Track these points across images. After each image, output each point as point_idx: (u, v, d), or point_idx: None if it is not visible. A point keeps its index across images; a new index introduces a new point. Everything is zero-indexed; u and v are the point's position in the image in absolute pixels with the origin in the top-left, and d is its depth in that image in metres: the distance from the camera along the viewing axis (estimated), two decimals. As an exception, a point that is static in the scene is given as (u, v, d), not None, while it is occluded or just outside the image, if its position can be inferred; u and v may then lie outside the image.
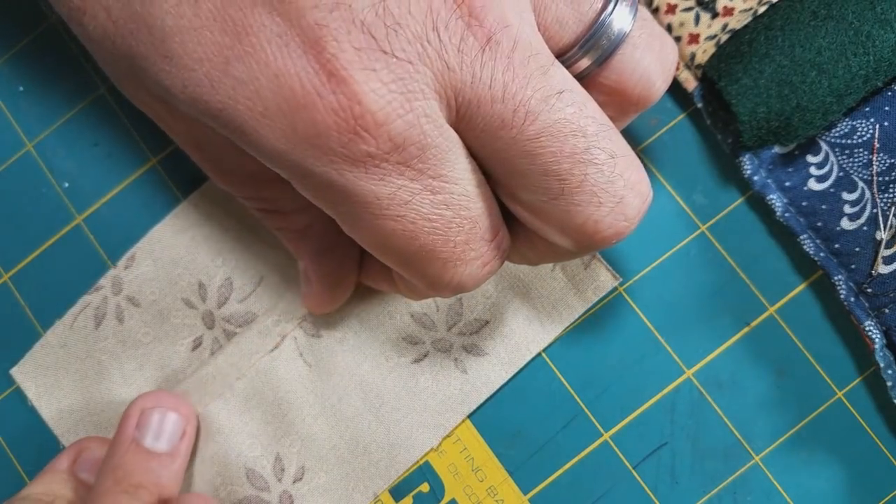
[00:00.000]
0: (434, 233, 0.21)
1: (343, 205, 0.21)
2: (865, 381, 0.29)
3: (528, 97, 0.20)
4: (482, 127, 0.20)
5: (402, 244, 0.22)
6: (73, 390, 0.31)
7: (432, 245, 0.22)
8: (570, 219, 0.21)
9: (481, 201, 0.22)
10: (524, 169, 0.21)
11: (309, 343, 0.30)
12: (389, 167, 0.20)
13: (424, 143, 0.20)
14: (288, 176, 0.21)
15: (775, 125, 0.27)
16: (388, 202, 0.20)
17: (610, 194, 0.21)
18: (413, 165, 0.20)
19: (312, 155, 0.20)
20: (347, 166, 0.20)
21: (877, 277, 0.28)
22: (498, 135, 0.20)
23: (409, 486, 0.30)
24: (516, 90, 0.20)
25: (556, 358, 0.30)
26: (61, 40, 0.33)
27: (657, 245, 0.30)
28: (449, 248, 0.22)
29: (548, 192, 0.21)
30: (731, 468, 0.29)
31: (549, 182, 0.21)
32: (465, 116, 0.20)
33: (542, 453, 0.30)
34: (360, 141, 0.19)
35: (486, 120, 0.20)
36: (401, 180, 0.20)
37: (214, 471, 0.30)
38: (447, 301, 0.30)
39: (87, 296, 0.31)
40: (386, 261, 0.23)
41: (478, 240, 0.22)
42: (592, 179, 0.21)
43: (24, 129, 0.33)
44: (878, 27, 0.26)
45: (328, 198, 0.21)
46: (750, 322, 0.29)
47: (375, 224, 0.21)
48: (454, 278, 0.23)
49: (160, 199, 0.32)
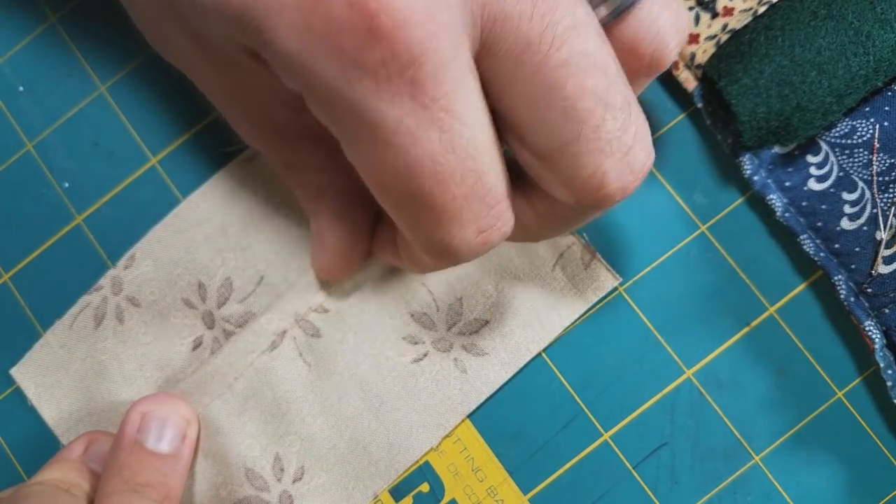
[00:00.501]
0: (434, 177, 0.20)
1: (348, 124, 0.20)
2: (865, 381, 0.29)
3: (557, 21, 0.19)
4: (506, 51, 0.20)
5: (398, 182, 0.20)
6: (72, 390, 0.31)
7: (430, 190, 0.20)
8: (579, 170, 0.21)
9: (489, 156, 0.21)
10: (543, 104, 0.20)
11: (308, 343, 0.30)
12: (401, 85, 0.19)
13: (442, 64, 0.19)
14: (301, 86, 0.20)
15: (775, 125, 0.27)
16: (394, 128, 0.19)
17: (621, 143, 0.20)
18: (426, 89, 0.19)
19: (324, 57, 0.19)
20: (358, 74, 0.19)
21: (877, 277, 0.28)
22: (522, 59, 0.20)
23: (409, 486, 0.30)
24: (546, 10, 0.19)
25: (556, 358, 0.30)
26: (61, 40, 0.33)
27: (657, 245, 0.30)
28: (447, 200, 0.21)
29: (563, 135, 0.20)
30: (731, 468, 0.29)
31: (567, 123, 0.20)
32: (488, 39, 0.19)
33: (542, 453, 0.30)
34: (375, 43, 0.18)
35: (511, 42, 0.19)
36: (410, 104, 0.19)
37: (215, 470, 0.30)
38: (447, 301, 0.30)
39: (86, 296, 0.31)
40: (383, 201, 0.22)
41: (478, 200, 0.21)
42: (608, 125, 0.20)
43: (24, 128, 0.33)
44: (878, 27, 0.26)
45: (335, 114, 0.20)
46: (750, 322, 0.29)
47: (376, 152, 0.20)
48: (445, 239, 0.22)
49: (160, 199, 0.32)
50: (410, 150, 0.20)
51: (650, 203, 0.30)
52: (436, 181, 0.20)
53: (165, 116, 0.32)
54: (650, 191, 0.30)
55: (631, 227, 0.30)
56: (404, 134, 0.19)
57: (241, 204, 0.31)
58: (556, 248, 0.30)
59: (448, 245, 0.22)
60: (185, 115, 0.32)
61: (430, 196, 0.21)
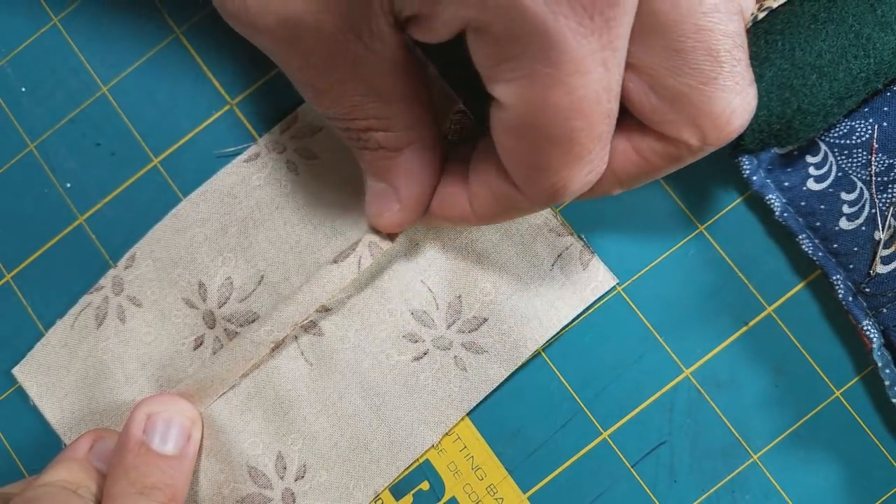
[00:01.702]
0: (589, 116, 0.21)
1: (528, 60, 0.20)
2: (863, 381, 0.29)
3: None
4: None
5: (554, 120, 0.21)
6: (74, 389, 0.31)
7: (579, 129, 0.21)
8: (712, 107, 0.22)
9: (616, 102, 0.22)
10: (689, 46, 0.21)
11: (310, 342, 0.30)
12: (600, 22, 0.19)
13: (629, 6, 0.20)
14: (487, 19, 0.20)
15: (776, 128, 0.27)
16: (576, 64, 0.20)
17: (747, 82, 0.22)
18: (612, 28, 0.20)
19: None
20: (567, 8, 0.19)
21: (875, 277, 0.28)
22: (678, 3, 0.21)
23: (409, 485, 0.30)
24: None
25: (555, 357, 0.30)
26: (63, 41, 0.33)
27: (656, 245, 0.30)
28: (588, 141, 0.21)
29: (702, 74, 0.21)
30: (729, 467, 0.29)
31: (707, 62, 0.21)
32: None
33: (541, 452, 0.30)
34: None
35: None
36: (597, 42, 0.20)
37: (218, 468, 0.30)
38: (447, 299, 0.30)
39: (87, 295, 0.31)
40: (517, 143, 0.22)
41: (604, 141, 0.22)
42: (742, 66, 0.22)
43: (26, 129, 0.33)
44: (878, 30, 0.26)
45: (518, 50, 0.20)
46: (748, 321, 0.29)
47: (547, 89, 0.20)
48: (564, 179, 0.22)
49: (162, 199, 0.32)
50: (579, 87, 0.20)
51: (649, 203, 0.30)
52: (587, 121, 0.21)
53: (167, 117, 0.32)
54: (649, 191, 0.30)
55: (630, 227, 0.30)
56: (582, 71, 0.20)
57: (241, 204, 0.31)
58: (555, 248, 0.30)
59: (564, 186, 0.23)
60: (187, 115, 0.32)
61: (576, 135, 0.21)
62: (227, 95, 0.32)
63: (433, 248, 0.30)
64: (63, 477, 0.28)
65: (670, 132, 0.23)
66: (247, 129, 0.32)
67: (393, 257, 0.30)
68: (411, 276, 0.30)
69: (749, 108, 0.22)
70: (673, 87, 0.22)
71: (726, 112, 0.22)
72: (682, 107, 0.22)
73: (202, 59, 0.32)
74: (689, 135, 0.23)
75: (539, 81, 0.20)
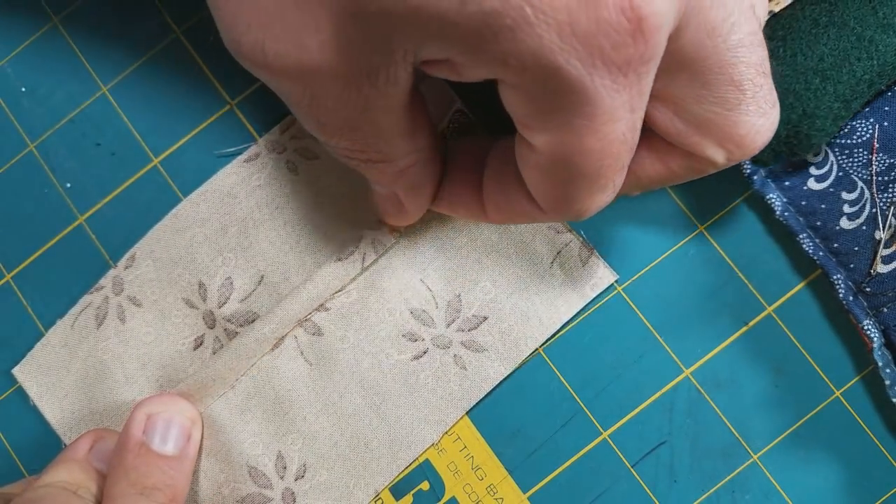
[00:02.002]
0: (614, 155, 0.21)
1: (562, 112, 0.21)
2: (863, 380, 0.29)
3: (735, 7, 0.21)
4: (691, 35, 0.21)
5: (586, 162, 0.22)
6: (74, 389, 0.31)
7: (607, 168, 0.22)
8: (737, 129, 0.22)
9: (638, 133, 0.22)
10: (714, 79, 0.22)
11: (310, 341, 0.30)
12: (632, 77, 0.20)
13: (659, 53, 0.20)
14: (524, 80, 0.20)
15: (784, 134, 0.27)
16: (609, 117, 0.20)
17: (769, 104, 0.23)
18: (644, 80, 0.20)
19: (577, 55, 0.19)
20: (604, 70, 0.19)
21: (875, 277, 0.28)
22: (704, 43, 0.21)
23: (409, 485, 0.30)
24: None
25: (555, 357, 0.30)
26: (63, 41, 0.33)
27: (656, 245, 0.30)
28: (613, 173, 0.22)
29: (726, 103, 0.22)
30: (729, 467, 0.29)
31: (732, 93, 0.22)
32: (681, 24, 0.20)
33: (541, 452, 0.30)
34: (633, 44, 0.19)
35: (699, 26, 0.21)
36: (628, 94, 0.20)
37: (218, 468, 0.30)
38: (446, 298, 0.30)
39: (87, 295, 0.31)
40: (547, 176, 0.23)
41: (625, 167, 0.23)
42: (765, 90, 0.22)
43: (26, 129, 0.33)
44: (880, 32, 0.26)
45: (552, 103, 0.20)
46: (748, 321, 0.29)
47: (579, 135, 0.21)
48: (589, 205, 0.23)
49: (162, 199, 0.32)
50: (610, 132, 0.21)
51: (648, 203, 0.30)
52: (613, 158, 0.22)
53: (167, 117, 0.32)
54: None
55: (629, 227, 0.30)
56: (613, 121, 0.20)
57: (241, 204, 0.31)
58: (554, 245, 0.30)
59: (588, 210, 0.24)
60: (187, 115, 0.32)
61: (602, 170, 0.22)
62: (227, 95, 0.32)
63: (432, 248, 0.30)
64: (63, 477, 0.28)
65: (696, 150, 0.24)
66: (247, 130, 0.32)
67: (392, 256, 0.30)
68: (410, 275, 0.30)
69: (772, 127, 0.23)
70: (698, 113, 0.23)
71: (751, 133, 0.23)
72: (708, 131, 0.23)
73: (202, 59, 0.32)
74: (714, 153, 0.23)
75: (574, 131, 0.21)
